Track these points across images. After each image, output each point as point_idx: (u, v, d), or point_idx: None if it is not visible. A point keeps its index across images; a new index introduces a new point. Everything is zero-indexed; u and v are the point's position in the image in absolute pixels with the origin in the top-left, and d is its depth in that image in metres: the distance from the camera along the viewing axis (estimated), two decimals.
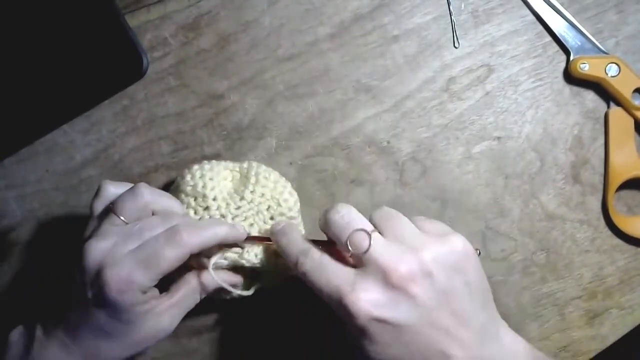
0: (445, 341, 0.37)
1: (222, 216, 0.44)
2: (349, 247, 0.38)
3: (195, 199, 0.44)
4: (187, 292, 0.42)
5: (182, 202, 0.44)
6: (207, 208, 0.44)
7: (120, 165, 0.50)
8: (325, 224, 0.40)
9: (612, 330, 0.50)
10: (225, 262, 0.43)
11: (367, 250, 0.37)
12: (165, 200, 0.42)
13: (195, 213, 0.44)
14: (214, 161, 0.46)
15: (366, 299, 0.36)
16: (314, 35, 0.50)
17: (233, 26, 0.50)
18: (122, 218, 0.40)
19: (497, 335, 0.40)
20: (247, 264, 0.44)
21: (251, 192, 0.45)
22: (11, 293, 0.50)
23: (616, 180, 0.49)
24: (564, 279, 0.50)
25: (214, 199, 0.44)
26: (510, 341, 0.40)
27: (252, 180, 0.45)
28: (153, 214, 0.41)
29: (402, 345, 0.37)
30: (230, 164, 0.47)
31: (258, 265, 0.44)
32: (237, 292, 0.44)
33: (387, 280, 0.36)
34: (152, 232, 0.39)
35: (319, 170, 0.50)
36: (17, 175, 0.49)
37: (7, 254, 0.50)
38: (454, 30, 0.50)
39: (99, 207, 0.41)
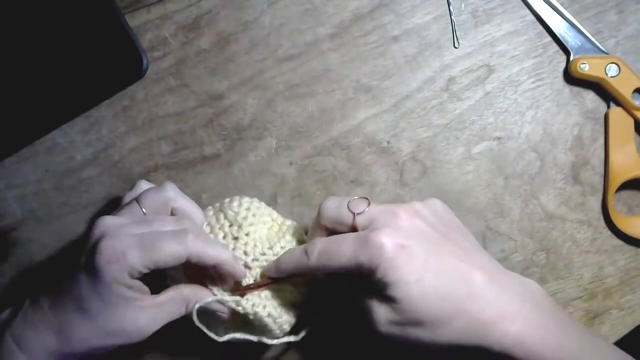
0: (464, 266, 0.39)
1: (245, 253, 0.44)
2: (352, 211, 0.40)
3: (231, 225, 0.44)
4: (174, 298, 0.42)
5: (218, 221, 0.44)
6: (236, 238, 0.44)
7: (120, 165, 0.50)
8: (321, 213, 0.42)
9: (612, 331, 0.50)
10: (225, 300, 0.43)
11: (368, 205, 0.40)
12: (187, 203, 0.43)
13: (224, 238, 0.44)
14: (263, 203, 0.47)
15: (386, 232, 0.38)
16: (314, 35, 0.50)
17: (233, 26, 0.50)
18: (142, 208, 0.41)
19: (505, 270, 0.42)
20: (242, 311, 0.43)
21: (282, 247, 0.44)
22: (11, 293, 0.50)
23: (616, 180, 0.49)
24: (564, 279, 0.50)
25: (247, 234, 0.44)
26: (520, 277, 0.42)
27: (288, 238, 0.45)
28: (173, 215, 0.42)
29: (429, 274, 0.38)
30: (275, 214, 0.47)
31: (251, 315, 0.43)
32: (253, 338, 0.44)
33: (395, 220, 0.39)
34: (162, 225, 0.40)
35: (319, 170, 0.50)
36: (17, 175, 0.49)
37: (7, 254, 0.50)
38: (454, 30, 0.50)
39: (128, 199, 0.43)
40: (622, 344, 0.51)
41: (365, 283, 0.39)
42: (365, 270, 0.38)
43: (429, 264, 0.38)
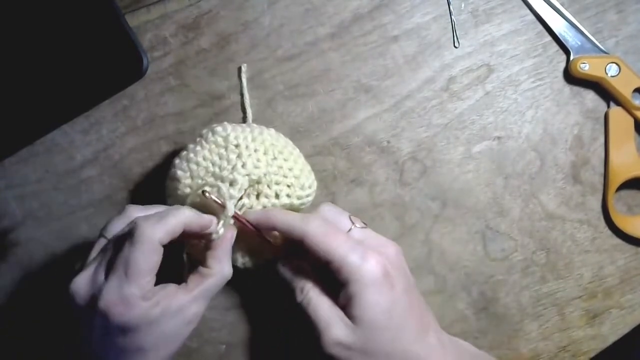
0: (426, 319, 0.41)
1: (254, 169, 0.43)
2: (352, 222, 0.43)
3: (227, 148, 0.44)
4: (212, 283, 0.41)
5: (213, 150, 0.44)
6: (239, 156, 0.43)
7: (120, 165, 0.50)
8: (321, 214, 0.43)
9: (612, 330, 0.51)
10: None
11: (366, 226, 0.43)
12: (174, 228, 0.40)
13: (228, 163, 0.43)
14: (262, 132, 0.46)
15: (379, 254, 0.40)
16: (314, 35, 0.50)
17: (233, 26, 0.50)
18: (106, 237, 0.40)
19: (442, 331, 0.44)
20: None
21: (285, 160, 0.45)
22: (11, 293, 0.50)
23: (616, 180, 0.50)
24: (564, 279, 0.50)
25: (249, 153, 0.43)
26: (454, 338, 0.46)
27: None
28: None
29: (397, 311, 0.39)
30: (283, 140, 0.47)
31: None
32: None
33: (385, 248, 0.42)
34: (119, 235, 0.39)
35: (319, 170, 0.50)
36: (17, 175, 0.49)
37: (7, 254, 0.50)
38: (454, 30, 0.50)
39: (117, 225, 0.41)
40: (622, 343, 0.51)
41: (332, 289, 0.40)
42: (343, 276, 0.39)
43: (402, 300, 0.39)
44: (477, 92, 0.50)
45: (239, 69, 0.49)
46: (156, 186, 0.49)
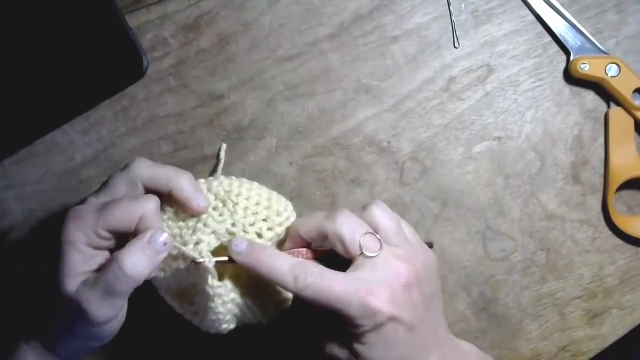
0: (431, 344, 0.41)
1: (233, 224, 0.42)
2: (362, 250, 0.39)
3: (221, 200, 0.43)
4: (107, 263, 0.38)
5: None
6: (231, 205, 0.42)
7: (120, 165, 0.49)
8: (333, 227, 0.40)
9: (612, 330, 0.51)
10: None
11: (380, 249, 0.39)
12: (158, 171, 0.41)
13: (215, 209, 0.42)
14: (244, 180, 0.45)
15: (386, 297, 0.38)
16: (314, 35, 0.50)
17: (233, 26, 0.50)
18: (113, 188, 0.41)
19: (449, 333, 0.44)
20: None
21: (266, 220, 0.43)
22: (11, 293, 0.50)
23: (616, 180, 0.50)
24: (564, 279, 0.50)
25: (236, 205, 0.42)
26: (456, 339, 0.45)
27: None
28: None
29: (403, 346, 0.39)
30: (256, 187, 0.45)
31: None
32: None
33: (397, 279, 0.39)
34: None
35: (319, 170, 0.50)
36: (17, 175, 0.49)
37: (7, 254, 0.50)
38: (454, 30, 0.50)
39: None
40: (622, 343, 0.51)
41: (336, 325, 0.39)
42: (348, 321, 0.38)
43: (404, 339, 0.39)
44: (477, 92, 0.50)
45: (219, 148, 0.49)
46: None
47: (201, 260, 0.39)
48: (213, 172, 0.49)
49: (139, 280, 0.38)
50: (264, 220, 0.42)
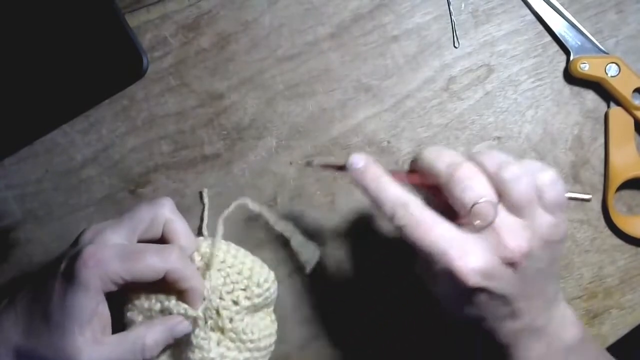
0: (525, 310, 0.37)
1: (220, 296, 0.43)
2: (472, 217, 0.35)
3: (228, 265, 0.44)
4: (124, 338, 0.39)
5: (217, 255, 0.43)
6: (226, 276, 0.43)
7: (120, 165, 0.50)
8: (446, 179, 0.36)
9: (612, 330, 0.50)
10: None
11: (491, 222, 0.35)
12: (181, 225, 0.41)
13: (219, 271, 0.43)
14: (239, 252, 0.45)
15: (477, 267, 0.34)
16: (314, 35, 0.50)
17: (233, 26, 0.50)
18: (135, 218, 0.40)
19: (557, 301, 0.40)
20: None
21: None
22: (11, 293, 0.50)
23: (616, 180, 0.49)
24: (564, 279, 0.50)
25: (237, 277, 0.44)
26: (564, 307, 0.40)
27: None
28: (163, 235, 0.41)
29: (492, 310, 0.36)
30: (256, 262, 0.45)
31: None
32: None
33: (499, 251, 0.35)
34: (141, 223, 0.40)
35: (319, 170, 0.50)
36: (17, 175, 0.49)
37: (7, 254, 0.50)
38: (454, 30, 0.50)
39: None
40: (623, 343, 0.51)
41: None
42: (439, 269, 0.35)
43: (497, 307, 0.36)
44: (477, 92, 0.50)
45: (200, 193, 0.49)
46: (155, 186, 0.49)
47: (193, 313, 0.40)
48: (201, 218, 0.49)
49: (150, 357, 0.39)
50: (243, 289, 0.43)
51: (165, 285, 0.40)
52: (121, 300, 0.41)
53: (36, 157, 0.49)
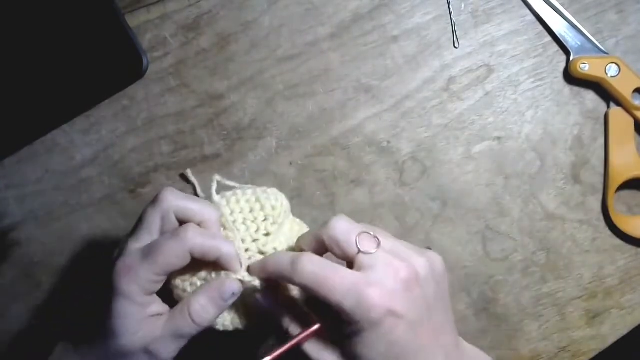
0: (431, 348, 0.39)
1: (275, 249, 0.43)
2: (359, 249, 0.38)
3: (265, 220, 0.43)
4: (174, 311, 0.40)
5: (253, 211, 0.43)
6: (267, 234, 0.43)
7: (120, 165, 0.50)
8: (328, 230, 0.39)
9: (612, 331, 0.50)
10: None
11: (377, 248, 0.38)
12: (189, 205, 0.40)
13: (257, 231, 0.43)
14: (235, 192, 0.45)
15: (384, 291, 0.37)
16: (314, 35, 0.50)
17: (233, 26, 0.50)
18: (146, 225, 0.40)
19: (461, 343, 0.43)
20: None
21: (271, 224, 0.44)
22: (11, 293, 0.50)
23: (616, 180, 0.49)
24: (564, 279, 0.50)
25: (280, 231, 0.43)
26: (470, 348, 0.43)
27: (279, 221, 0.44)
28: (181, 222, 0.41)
29: (403, 345, 0.38)
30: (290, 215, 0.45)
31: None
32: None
33: (395, 280, 0.38)
34: (162, 242, 0.39)
35: (319, 170, 0.50)
36: (17, 175, 0.49)
37: (7, 254, 0.50)
38: (454, 30, 0.50)
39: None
40: (622, 344, 0.51)
41: (335, 324, 0.38)
42: (344, 317, 0.37)
43: (403, 338, 0.38)
44: (477, 92, 0.50)
45: (183, 175, 0.49)
46: (156, 185, 0.49)
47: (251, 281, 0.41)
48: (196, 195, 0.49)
49: (206, 326, 0.40)
50: (265, 220, 0.43)
51: (203, 262, 0.41)
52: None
53: (36, 157, 0.49)
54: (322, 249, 0.40)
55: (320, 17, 0.50)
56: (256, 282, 0.41)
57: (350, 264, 0.39)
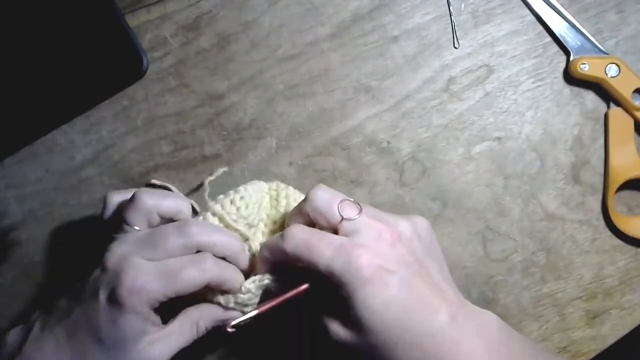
0: (431, 300, 0.39)
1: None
2: (342, 215, 0.40)
3: (245, 220, 0.44)
4: (183, 323, 0.41)
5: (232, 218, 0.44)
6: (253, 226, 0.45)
7: (120, 165, 0.50)
8: (309, 201, 0.41)
9: (612, 331, 0.50)
10: (246, 296, 0.42)
11: (359, 213, 0.40)
12: (168, 202, 0.42)
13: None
14: (246, 186, 0.45)
15: (370, 251, 0.38)
16: (314, 35, 0.50)
17: (233, 26, 0.50)
18: (133, 227, 0.41)
19: (466, 302, 0.42)
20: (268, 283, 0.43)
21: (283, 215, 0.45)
22: (11, 293, 0.50)
23: (616, 180, 0.49)
24: (564, 280, 0.50)
25: (256, 223, 0.45)
26: (478, 308, 0.42)
27: (283, 203, 0.46)
28: (162, 217, 0.42)
29: (397, 304, 0.38)
30: (263, 185, 0.46)
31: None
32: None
33: (378, 240, 0.39)
34: (166, 242, 0.40)
35: (319, 170, 0.50)
36: (17, 175, 0.49)
37: (7, 254, 0.50)
38: (454, 31, 0.50)
39: (108, 215, 0.43)
40: (622, 344, 0.51)
41: (330, 292, 0.39)
42: (335, 280, 0.38)
43: (400, 294, 0.38)
44: (477, 92, 0.50)
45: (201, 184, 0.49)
46: (156, 186, 0.49)
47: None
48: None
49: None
50: (268, 214, 0.46)
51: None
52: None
53: (36, 157, 0.49)
54: (308, 223, 0.41)
55: (320, 17, 0.50)
56: (266, 281, 0.42)
57: (335, 232, 0.40)
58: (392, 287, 0.38)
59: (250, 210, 0.44)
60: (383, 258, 0.38)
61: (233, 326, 0.40)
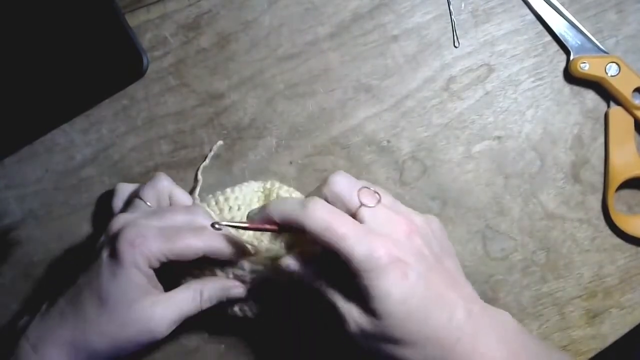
0: (449, 295, 0.39)
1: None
2: (361, 201, 0.39)
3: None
4: (186, 290, 0.42)
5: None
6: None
7: (120, 164, 0.50)
8: (329, 185, 0.41)
9: (612, 330, 0.51)
10: (244, 271, 0.44)
11: (378, 202, 0.39)
12: (180, 193, 0.45)
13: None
14: (241, 186, 0.47)
15: (388, 243, 0.38)
16: (314, 34, 0.50)
17: (233, 26, 0.50)
18: (146, 202, 0.44)
19: (482, 302, 0.42)
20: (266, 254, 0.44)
21: None
22: (11, 293, 0.50)
23: (616, 179, 0.50)
24: (564, 279, 0.50)
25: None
26: (491, 307, 0.42)
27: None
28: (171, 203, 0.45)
29: (416, 297, 0.37)
30: (254, 185, 0.48)
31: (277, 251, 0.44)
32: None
33: (396, 231, 0.39)
34: (174, 215, 0.42)
35: (319, 169, 0.50)
36: (17, 175, 0.49)
37: (7, 254, 0.50)
38: (454, 30, 0.50)
39: (118, 204, 0.46)
40: (622, 343, 0.51)
41: (345, 280, 0.38)
42: (353, 266, 0.37)
43: (418, 286, 0.37)
44: (477, 91, 0.50)
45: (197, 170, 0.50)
46: None
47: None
48: (191, 191, 0.49)
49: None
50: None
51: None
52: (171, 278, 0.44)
53: (36, 157, 0.49)
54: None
55: (320, 17, 0.50)
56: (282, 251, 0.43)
57: (352, 217, 0.39)
58: (409, 281, 0.37)
59: (235, 212, 0.45)
60: (401, 250, 0.38)
61: (220, 227, 0.40)
